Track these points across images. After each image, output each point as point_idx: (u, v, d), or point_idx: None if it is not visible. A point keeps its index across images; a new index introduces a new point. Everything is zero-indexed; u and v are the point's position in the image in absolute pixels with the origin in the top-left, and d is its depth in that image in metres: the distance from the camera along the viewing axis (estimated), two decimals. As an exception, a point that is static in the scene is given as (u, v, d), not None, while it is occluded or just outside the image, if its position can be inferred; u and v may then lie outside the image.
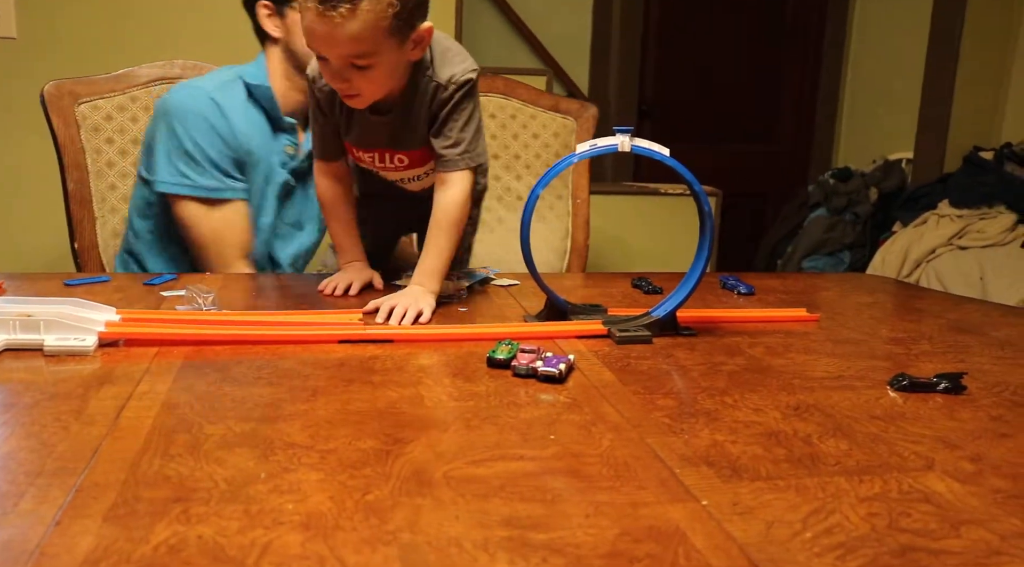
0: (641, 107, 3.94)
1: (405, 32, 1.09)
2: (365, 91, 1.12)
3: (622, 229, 2.78)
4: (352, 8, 1.02)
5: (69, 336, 0.89)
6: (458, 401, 0.77)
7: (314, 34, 1.05)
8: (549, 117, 1.94)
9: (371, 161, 1.26)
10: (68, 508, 0.53)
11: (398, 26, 1.06)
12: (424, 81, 1.17)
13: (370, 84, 1.11)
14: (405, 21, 1.07)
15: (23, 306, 0.95)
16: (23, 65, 2.39)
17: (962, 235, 2.86)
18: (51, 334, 0.89)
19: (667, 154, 1.01)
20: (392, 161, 1.25)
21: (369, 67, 1.08)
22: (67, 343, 0.88)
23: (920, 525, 0.54)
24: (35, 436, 0.65)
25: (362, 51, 1.05)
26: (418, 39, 1.12)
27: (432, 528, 0.52)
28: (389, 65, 1.10)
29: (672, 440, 0.68)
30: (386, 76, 1.12)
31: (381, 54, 1.07)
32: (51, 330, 0.89)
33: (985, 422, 0.75)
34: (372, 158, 1.25)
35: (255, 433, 0.67)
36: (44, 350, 0.88)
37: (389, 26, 1.05)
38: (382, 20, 1.04)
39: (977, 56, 3.26)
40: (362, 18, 1.03)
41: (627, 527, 0.53)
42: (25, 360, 0.87)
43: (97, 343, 0.90)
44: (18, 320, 0.89)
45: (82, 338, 0.89)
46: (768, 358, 0.95)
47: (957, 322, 1.17)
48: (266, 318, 1.03)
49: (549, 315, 1.08)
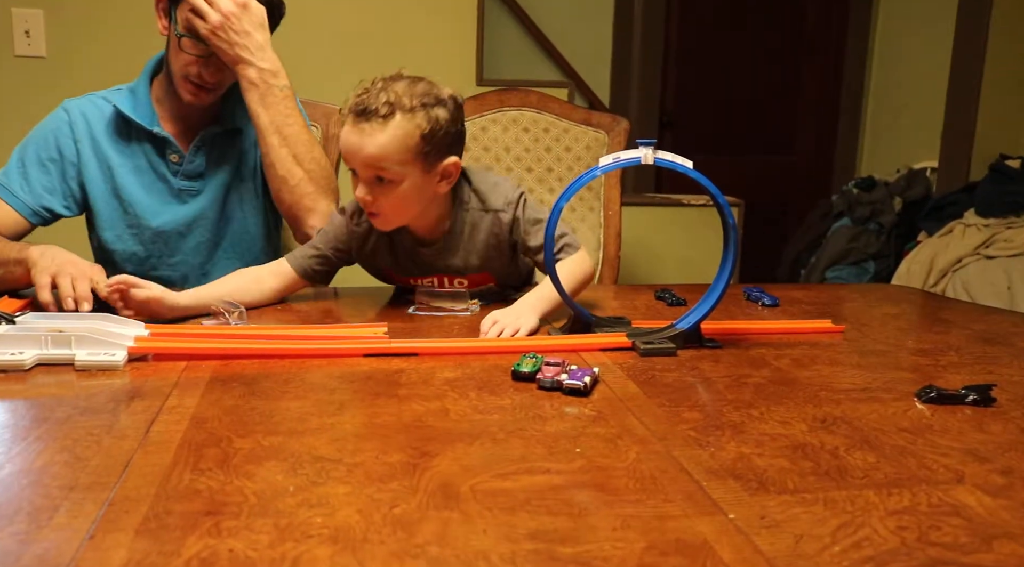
0: (662, 119, 3.93)
1: (432, 159, 1.14)
2: (387, 210, 1.17)
3: (647, 240, 2.78)
4: (384, 121, 1.10)
5: (99, 351, 0.91)
6: (483, 414, 0.77)
7: (348, 144, 1.12)
8: (581, 130, 1.97)
9: (429, 283, 1.30)
10: (101, 522, 0.54)
11: (426, 150, 1.12)
12: (474, 214, 1.24)
13: (392, 203, 1.15)
14: (434, 146, 1.13)
15: (54, 321, 0.98)
16: (53, 83, 2.43)
17: (989, 244, 2.82)
18: (82, 349, 0.91)
19: (690, 166, 1.01)
20: (451, 284, 1.29)
21: (392, 183, 1.13)
22: (98, 358, 0.90)
23: (951, 539, 0.54)
24: (68, 450, 0.66)
25: (387, 164, 1.11)
26: (445, 172, 1.17)
27: (459, 541, 0.52)
28: (413, 188, 1.15)
29: (698, 453, 0.68)
30: (409, 198, 1.16)
31: (405, 173, 1.13)
32: (82, 345, 0.91)
33: (1015, 434, 0.74)
34: (431, 282, 1.30)
35: (283, 447, 0.68)
36: (75, 365, 0.90)
37: (416, 146, 1.11)
38: (410, 138, 1.11)
39: (1003, 63, 3.22)
40: (391, 132, 1.10)
41: (654, 540, 0.53)
42: (56, 375, 0.88)
43: (127, 358, 0.91)
44: (49, 335, 0.91)
45: (112, 353, 0.91)
46: (794, 370, 0.94)
47: (985, 333, 1.16)
48: (292, 332, 1.04)
49: (573, 328, 1.08)
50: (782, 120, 4.17)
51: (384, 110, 1.09)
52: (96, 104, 1.43)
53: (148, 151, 1.43)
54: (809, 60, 4.13)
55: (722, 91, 4.03)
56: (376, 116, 1.09)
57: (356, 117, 1.10)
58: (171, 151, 1.43)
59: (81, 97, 1.44)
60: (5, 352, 0.89)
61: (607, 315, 1.12)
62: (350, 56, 2.61)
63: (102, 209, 1.43)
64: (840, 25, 4.10)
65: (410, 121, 1.10)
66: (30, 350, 0.90)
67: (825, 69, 4.14)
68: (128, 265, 1.46)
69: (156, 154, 1.43)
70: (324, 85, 2.14)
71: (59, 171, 1.40)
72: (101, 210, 1.43)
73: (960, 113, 3.32)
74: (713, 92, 4.01)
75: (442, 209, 1.24)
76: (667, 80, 3.93)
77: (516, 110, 1.96)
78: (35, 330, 0.93)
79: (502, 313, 1.10)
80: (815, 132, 4.20)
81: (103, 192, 1.42)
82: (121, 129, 1.42)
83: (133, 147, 1.42)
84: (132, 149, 1.42)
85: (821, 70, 4.14)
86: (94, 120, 1.42)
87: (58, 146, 1.40)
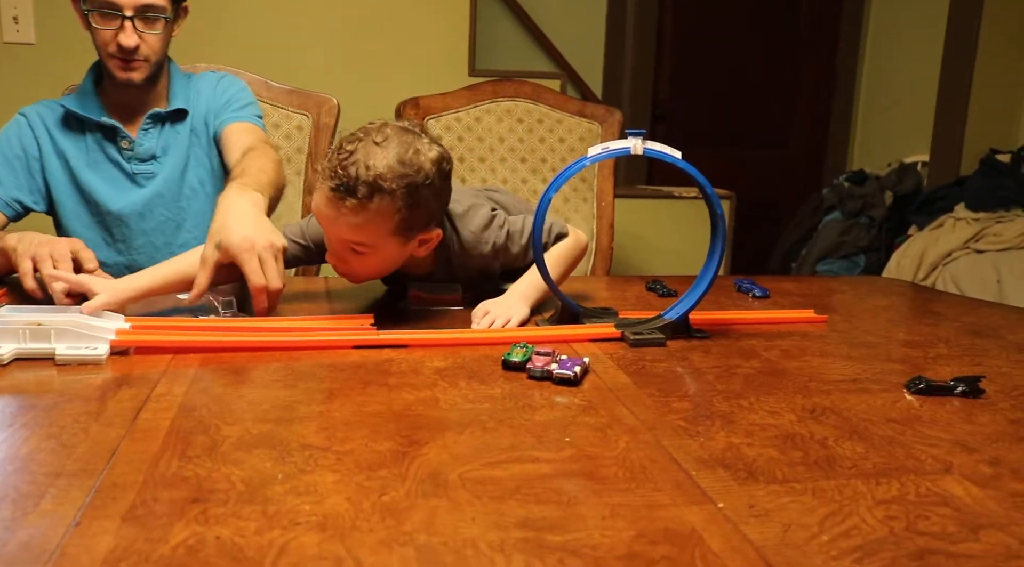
0: (655, 111, 3.93)
1: (411, 234, 1.08)
2: (359, 271, 1.12)
3: (640, 232, 2.79)
4: (361, 204, 1.01)
5: (80, 345, 0.88)
6: (473, 403, 0.77)
7: (321, 213, 1.05)
8: (575, 122, 1.97)
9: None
10: (88, 508, 0.54)
11: (402, 229, 1.06)
12: (460, 258, 1.20)
13: (365, 267, 1.11)
14: (411, 227, 1.07)
15: (32, 315, 0.93)
16: (42, 70, 2.41)
17: (979, 238, 2.83)
18: (62, 343, 0.88)
19: (679, 157, 1.01)
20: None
21: (367, 255, 1.08)
22: (79, 352, 0.87)
23: (938, 528, 0.54)
24: (55, 437, 0.66)
25: (362, 241, 1.06)
26: (425, 240, 1.11)
27: (448, 529, 0.52)
28: (388, 257, 1.11)
29: (688, 443, 0.68)
30: (384, 264, 1.12)
31: (380, 247, 1.07)
32: (62, 339, 0.88)
33: (1003, 425, 0.75)
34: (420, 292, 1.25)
35: (272, 435, 0.67)
36: (56, 359, 0.87)
37: (393, 227, 1.05)
38: (387, 221, 1.04)
39: (994, 58, 3.23)
40: (367, 216, 1.02)
41: (643, 529, 0.53)
42: (36, 370, 0.85)
43: (109, 351, 0.89)
44: (28, 329, 0.88)
45: (94, 346, 0.88)
46: (783, 361, 0.95)
47: (974, 325, 1.16)
48: (279, 324, 1.03)
49: (562, 319, 1.08)
50: (775, 114, 4.18)
51: (362, 191, 1.00)
52: (49, 106, 1.51)
53: (100, 140, 1.50)
54: (802, 54, 4.13)
55: (715, 85, 4.02)
56: (352, 196, 1.01)
57: (332, 191, 1.01)
58: (120, 137, 1.49)
59: (35, 103, 1.53)
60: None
61: (596, 306, 1.12)
62: (343, 46, 2.60)
63: (64, 200, 1.50)
64: (833, 19, 4.11)
65: (390, 204, 1.02)
66: (8, 344, 0.87)
67: (818, 63, 4.14)
68: (96, 252, 1.47)
69: (108, 142, 1.50)
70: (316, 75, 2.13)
71: (24, 167, 1.48)
72: (64, 201, 1.50)
73: (951, 108, 3.33)
74: (706, 85, 4.01)
75: (423, 257, 1.17)
76: (660, 73, 3.93)
77: (510, 101, 1.96)
78: (12, 323, 0.89)
79: (493, 303, 1.09)
80: (807, 126, 4.21)
81: (64, 184, 1.49)
82: (73, 125, 1.50)
83: (87, 139, 1.50)
84: (86, 141, 1.50)
85: (814, 64, 4.14)
86: (49, 120, 1.50)
87: (21, 144, 1.48)
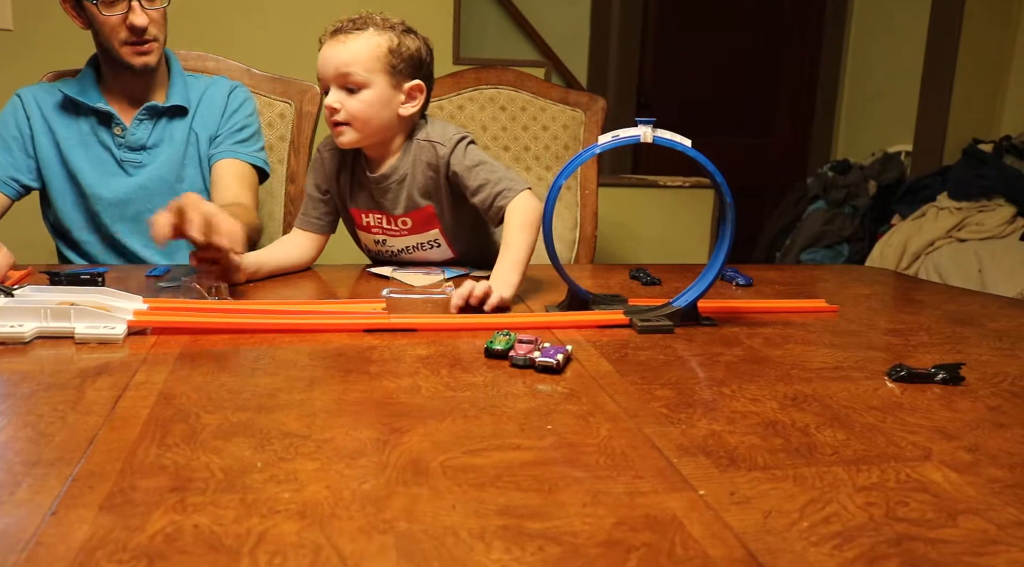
0: (640, 100, 3.93)
1: (398, 76, 1.24)
2: (352, 117, 1.23)
3: (623, 220, 2.79)
4: (357, 32, 1.21)
5: (99, 324, 0.91)
6: (455, 391, 0.77)
7: (322, 58, 1.22)
8: (559, 109, 1.96)
9: (379, 227, 1.35)
10: (64, 497, 0.53)
11: (393, 63, 1.23)
12: (418, 145, 1.30)
13: (358, 109, 1.22)
14: (401, 62, 1.23)
15: (54, 295, 0.98)
16: (19, 56, 2.38)
17: (961, 228, 2.86)
18: (82, 322, 0.91)
19: (689, 145, 1.01)
20: (396, 224, 1.34)
21: (358, 89, 1.21)
22: (97, 331, 0.90)
23: (917, 514, 0.54)
24: (32, 426, 0.65)
25: (356, 68, 1.20)
26: (410, 92, 1.26)
27: (428, 517, 0.52)
28: (378, 98, 1.23)
29: (670, 430, 0.68)
30: (373, 106, 1.23)
31: (372, 79, 1.22)
32: (82, 318, 0.91)
33: (983, 412, 0.75)
34: (380, 221, 1.35)
35: (252, 423, 0.67)
36: (75, 338, 0.89)
37: (384, 56, 1.22)
38: (379, 49, 1.21)
39: (976, 48, 3.25)
40: (362, 42, 1.21)
41: (624, 516, 0.53)
42: (56, 348, 0.88)
43: (127, 331, 0.92)
44: (49, 308, 0.91)
45: (112, 326, 0.91)
46: (766, 349, 0.95)
47: (955, 314, 1.17)
48: (291, 307, 1.04)
49: (571, 305, 1.08)
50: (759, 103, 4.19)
51: (358, 24, 1.22)
52: (46, 89, 1.53)
53: (94, 124, 1.51)
54: (786, 44, 4.14)
55: (700, 73, 4.03)
56: (351, 28, 1.21)
57: (332, 34, 1.22)
58: (115, 124, 1.50)
59: (32, 85, 1.54)
60: (4, 324, 0.89)
61: (603, 293, 1.11)
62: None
63: (53, 181, 1.52)
64: (817, 10, 4.11)
65: (380, 35, 1.22)
66: (30, 323, 0.90)
67: (802, 53, 4.15)
68: (83, 234, 1.55)
69: (102, 127, 1.51)
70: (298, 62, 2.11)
71: (20, 147, 1.50)
72: (53, 181, 1.52)
73: (934, 98, 3.35)
74: (691, 74, 4.01)
75: (398, 140, 1.30)
76: (644, 62, 3.93)
77: (493, 88, 1.95)
78: (35, 302, 0.93)
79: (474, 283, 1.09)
80: (791, 115, 4.22)
81: (53, 164, 1.51)
82: (69, 108, 1.51)
83: (81, 123, 1.51)
84: (79, 123, 1.51)
85: (798, 54, 4.15)
86: (44, 101, 1.51)
87: (16, 125, 1.50)
